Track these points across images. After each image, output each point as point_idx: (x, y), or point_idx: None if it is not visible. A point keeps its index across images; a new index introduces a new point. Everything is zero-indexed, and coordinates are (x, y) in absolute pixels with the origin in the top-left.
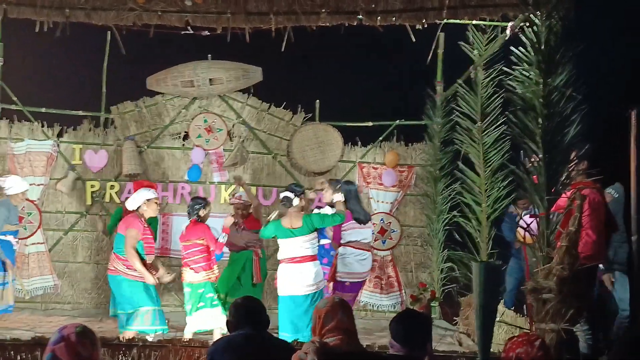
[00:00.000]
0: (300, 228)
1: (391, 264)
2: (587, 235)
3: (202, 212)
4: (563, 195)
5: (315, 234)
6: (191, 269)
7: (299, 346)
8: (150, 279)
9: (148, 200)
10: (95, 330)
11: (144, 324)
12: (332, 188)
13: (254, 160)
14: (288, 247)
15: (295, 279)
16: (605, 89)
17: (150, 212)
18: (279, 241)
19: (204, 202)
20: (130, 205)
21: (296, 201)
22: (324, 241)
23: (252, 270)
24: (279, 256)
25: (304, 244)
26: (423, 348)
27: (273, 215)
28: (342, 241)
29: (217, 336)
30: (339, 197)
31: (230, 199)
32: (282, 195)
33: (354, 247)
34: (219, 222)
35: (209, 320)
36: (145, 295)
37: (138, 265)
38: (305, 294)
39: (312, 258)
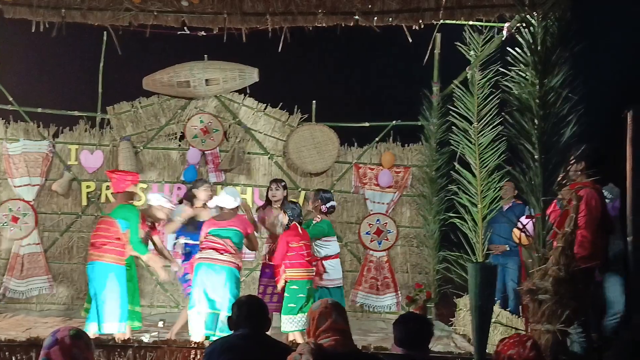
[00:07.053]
0: None
1: (387, 265)
2: (582, 235)
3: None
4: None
5: None
6: (313, 267)
7: (295, 347)
8: None
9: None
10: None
11: None
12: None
13: (250, 161)
14: (335, 244)
15: (339, 272)
16: (601, 90)
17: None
18: (332, 239)
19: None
20: (230, 204)
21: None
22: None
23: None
24: (331, 252)
25: None
26: (424, 350)
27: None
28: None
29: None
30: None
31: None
32: (331, 204)
33: None
34: None
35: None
36: None
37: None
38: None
39: None
